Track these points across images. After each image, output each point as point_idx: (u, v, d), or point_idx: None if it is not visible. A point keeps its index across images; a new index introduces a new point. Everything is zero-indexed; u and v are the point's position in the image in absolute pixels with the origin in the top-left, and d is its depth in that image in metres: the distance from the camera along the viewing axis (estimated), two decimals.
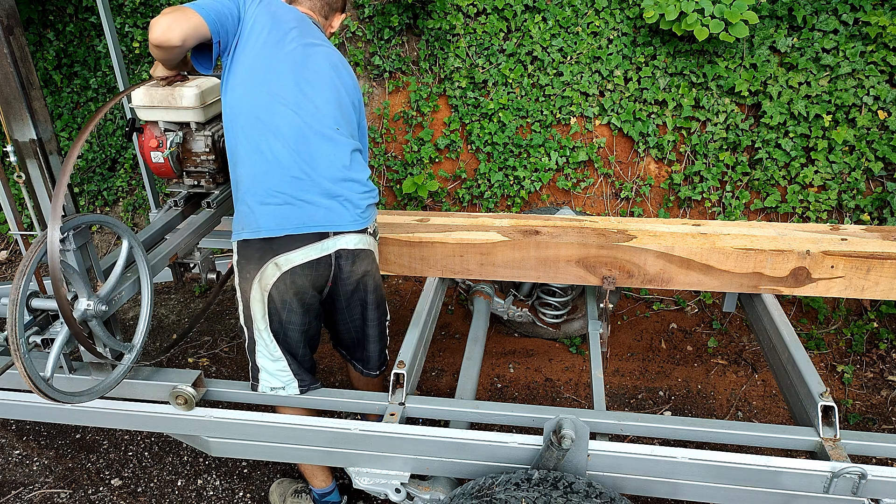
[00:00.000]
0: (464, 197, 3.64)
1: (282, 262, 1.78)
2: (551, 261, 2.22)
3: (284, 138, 1.76)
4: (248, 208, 1.79)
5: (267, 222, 1.77)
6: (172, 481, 2.53)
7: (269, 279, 1.79)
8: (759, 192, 3.34)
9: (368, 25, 3.63)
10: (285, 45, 1.80)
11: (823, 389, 1.74)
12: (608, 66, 3.38)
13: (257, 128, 1.76)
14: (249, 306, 1.84)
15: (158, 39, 1.66)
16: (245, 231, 1.79)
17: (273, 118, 1.76)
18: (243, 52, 1.77)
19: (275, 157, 1.76)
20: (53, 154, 1.61)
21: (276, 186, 1.77)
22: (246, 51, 1.77)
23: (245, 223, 1.80)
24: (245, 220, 1.80)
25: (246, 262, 1.80)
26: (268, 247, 1.77)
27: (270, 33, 1.79)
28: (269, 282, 1.80)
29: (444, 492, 1.81)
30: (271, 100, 1.77)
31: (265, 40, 1.78)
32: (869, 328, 3.14)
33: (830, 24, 3.13)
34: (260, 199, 1.77)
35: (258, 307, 1.83)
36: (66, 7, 3.94)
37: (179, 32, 1.65)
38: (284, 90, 1.78)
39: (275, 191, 1.77)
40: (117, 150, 4.07)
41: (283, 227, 1.77)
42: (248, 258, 1.80)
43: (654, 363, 3.13)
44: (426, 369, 3.11)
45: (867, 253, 2.05)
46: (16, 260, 4.13)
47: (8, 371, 1.79)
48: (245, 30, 1.78)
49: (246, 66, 1.77)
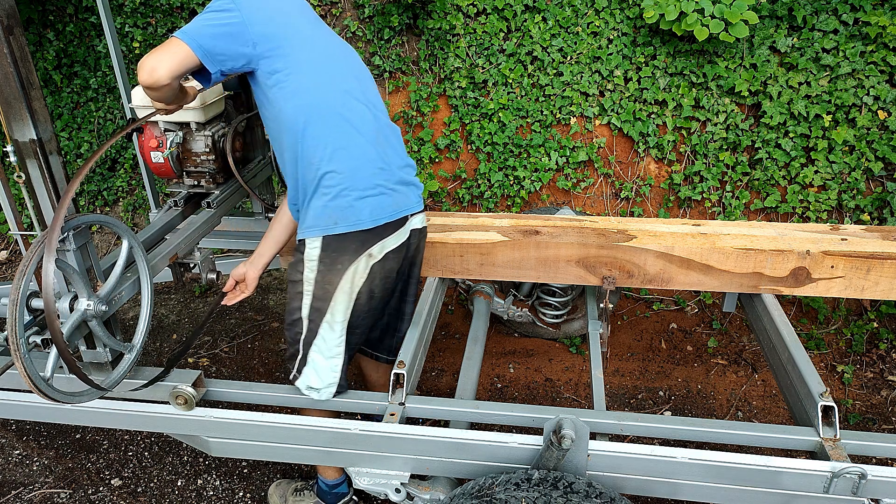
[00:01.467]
0: (464, 197, 3.64)
1: (376, 251, 1.82)
2: (551, 261, 2.22)
3: (366, 132, 1.80)
4: (345, 203, 1.77)
5: (368, 214, 1.78)
6: (172, 481, 2.53)
7: (364, 270, 1.83)
8: (759, 192, 3.34)
9: (368, 25, 3.63)
10: (322, 35, 1.81)
11: (823, 389, 1.74)
12: (608, 66, 3.38)
13: (342, 126, 1.77)
14: (331, 298, 1.82)
15: (146, 82, 1.63)
16: (340, 225, 1.77)
17: (352, 114, 1.78)
18: (286, 58, 1.72)
19: (363, 153, 1.79)
20: (53, 154, 1.61)
21: (372, 179, 1.79)
22: (290, 55, 1.73)
23: (339, 217, 1.77)
24: (339, 214, 1.77)
25: (338, 255, 1.79)
26: (365, 238, 1.79)
27: (303, 27, 1.77)
28: (364, 272, 1.83)
29: (444, 492, 1.81)
30: (345, 96, 1.79)
31: (306, 37, 1.76)
32: (869, 328, 3.14)
33: (830, 24, 3.13)
34: (358, 194, 1.77)
35: (343, 298, 1.83)
36: (66, 7, 3.94)
37: (166, 71, 1.61)
38: (350, 84, 1.81)
39: (373, 184, 1.79)
40: (117, 150, 4.07)
41: (381, 217, 1.81)
42: (340, 251, 1.79)
43: (654, 363, 3.13)
44: (426, 369, 3.11)
45: (867, 253, 2.05)
46: (16, 260, 4.13)
47: (8, 371, 1.79)
48: (269, 35, 1.70)
49: (302, 68, 1.74)
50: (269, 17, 1.71)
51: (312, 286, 1.83)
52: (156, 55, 1.61)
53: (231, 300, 2.09)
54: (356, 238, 1.78)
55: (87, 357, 1.81)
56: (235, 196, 2.44)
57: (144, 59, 1.61)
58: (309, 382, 1.90)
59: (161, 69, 1.60)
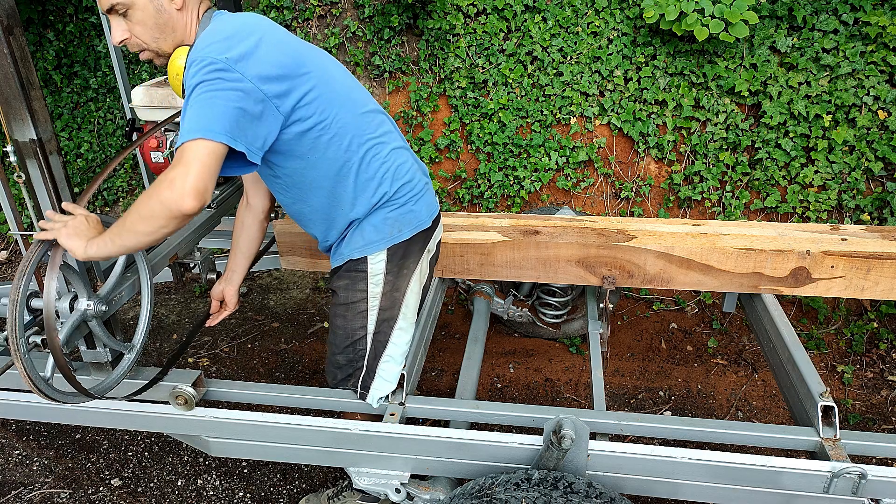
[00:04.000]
0: (464, 197, 3.64)
1: (431, 245, 1.84)
2: (551, 261, 2.22)
3: (396, 139, 1.77)
4: (406, 209, 1.73)
5: (426, 213, 1.79)
6: (172, 481, 2.53)
7: (427, 266, 1.85)
8: (759, 192, 3.34)
9: (368, 25, 3.63)
10: (323, 57, 1.66)
11: (823, 389, 1.74)
12: (608, 66, 3.38)
13: (377, 147, 1.69)
14: (400, 304, 1.79)
15: (186, 209, 1.34)
16: (405, 231, 1.73)
17: (381, 128, 1.72)
18: (312, 104, 1.54)
19: (406, 159, 1.76)
20: (53, 154, 1.61)
21: (418, 181, 1.77)
22: (319, 98, 1.55)
23: (403, 223, 1.73)
24: (403, 221, 1.73)
25: (405, 260, 1.76)
26: (424, 235, 1.79)
27: (305, 62, 1.55)
28: (426, 268, 1.85)
29: (444, 492, 1.81)
30: (369, 114, 1.69)
31: (322, 69, 1.59)
32: (869, 328, 3.14)
33: (830, 24, 3.13)
34: (414, 199, 1.75)
35: (413, 299, 1.82)
36: (66, 7, 3.94)
37: (198, 199, 1.34)
38: (361, 96, 1.71)
39: (421, 185, 1.78)
40: (117, 150, 4.07)
41: (433, 212, 1.83)
42: (407, 255, 1.76)
43: (654, 363, 3.13)
44: (426, 369, 3.11)
45: (867, 253, 2.05)
46: (16, 260, 4.13)
47: (8, 371, 1.79)
48: (286, 80, 1.48)
49: (334, 107, 1.59)
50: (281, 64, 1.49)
51: (379, 300, 1.76)
52: (180, 180, 1.32)
53: (215, 320, 2.06)
54: (419, 238, 1.77)
55: (87, 357, 1.81)
56: (235, 196, 2.44)
57: (161, 189, 1.34)
58: (381, 394, 1.85)
59: (190, 194, 1.32)
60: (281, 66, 1.47)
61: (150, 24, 1.50)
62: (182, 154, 1.34)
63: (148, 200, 1.38)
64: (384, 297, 1.76)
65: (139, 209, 1.41)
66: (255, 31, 1.48)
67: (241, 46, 1.42)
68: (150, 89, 2.13)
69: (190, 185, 1.32)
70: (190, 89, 1.39)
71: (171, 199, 1.33)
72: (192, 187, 1.32)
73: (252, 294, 3.71)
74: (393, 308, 1.79)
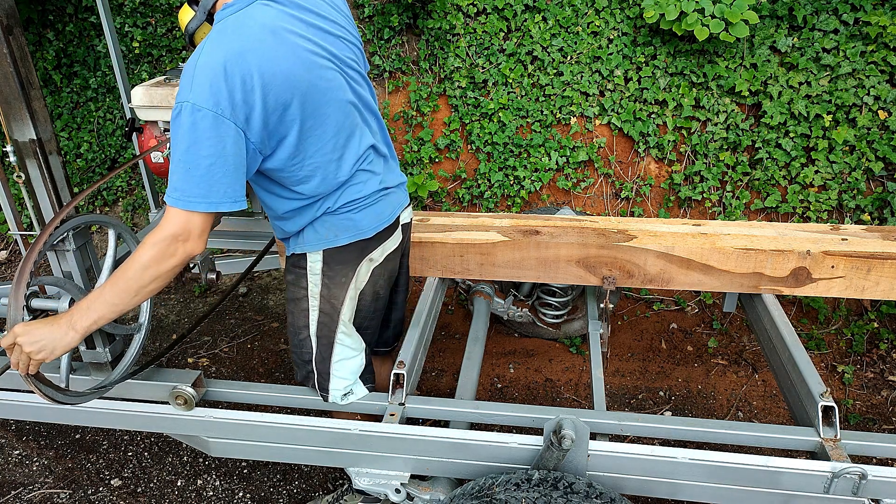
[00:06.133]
0: (464, 197, 3.64)
1: (377, 255, 1.79)
2: (551, 261, 2.22)
3: (368, 140, 1.70)
4: (345, 217, 1.69)
5: (368, 223, 1.73)
6: (172, 481, 2.53)
7: (366, 274, 1.80)
8: (760, 192, 3.34)
9: (368, 25, 3.63)
10: (316, 66, 1.54)
11: (824, 389, 1.74)
12: (608, 66, 3.38)
13: (354, 149, 1.66)
14: (339, 311, 1.78)
15: (175, 263, 1.45)
16: (342, 237, 1.70)
17: (356, 129, 1.67)
18: (304, 142, 1.54)
19: (373, 164, 1.72)
20: (53, 154, 1.61)
21: (376, 187, 1.72)
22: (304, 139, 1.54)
23: (341, 229, 1.70)
24: (341, 226, 1.70)
25: (341, 268, 1.74)
26: (365, 245, 1.74)
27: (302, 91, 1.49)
28: (364, 279, 1.80)
29: (444, 492, 1.81)
30: (352, 114, 1.64)
31: (311, 101, 1.52)
32: (869, 328, 3.13)
33: (831, 23, 3.13)
34: (361, 206, 1.70)
35: (349, 305, 1.80)
36: (65, 7, 3.93)
37: (198, 245, 1.46)
38: (349, 94, 1.63)
39: (375, 191, 1.72)
40: (117, 150, 4.07)
41: (381, 224, 1.76)
42: (343, 262, 1.73)
43: (654, 363, 3.13)
44: (426, 369, 3.10)
45: (868, 253, 2.05)
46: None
47: (8, 371, 1.79)
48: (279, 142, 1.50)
49: (316, 138, 1.56)
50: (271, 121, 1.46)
51: (318, 301, 1.77)
52: (163, 246, 1.42)
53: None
54: (356, 247, 1.74)
55: (87, 357, 1.81)
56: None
57: (151, 255, 1.42)
58: (342, 391, 1.86)
59: (178, 253, 1.44)
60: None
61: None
62: None
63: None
64: (322, 300, 1.77)
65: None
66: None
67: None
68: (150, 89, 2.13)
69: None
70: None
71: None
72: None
73: (252, 294, 3.71)
74: (332, 314, 1.79)
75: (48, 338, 1.44)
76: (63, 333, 1.44)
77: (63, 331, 1.44)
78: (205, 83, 1.35)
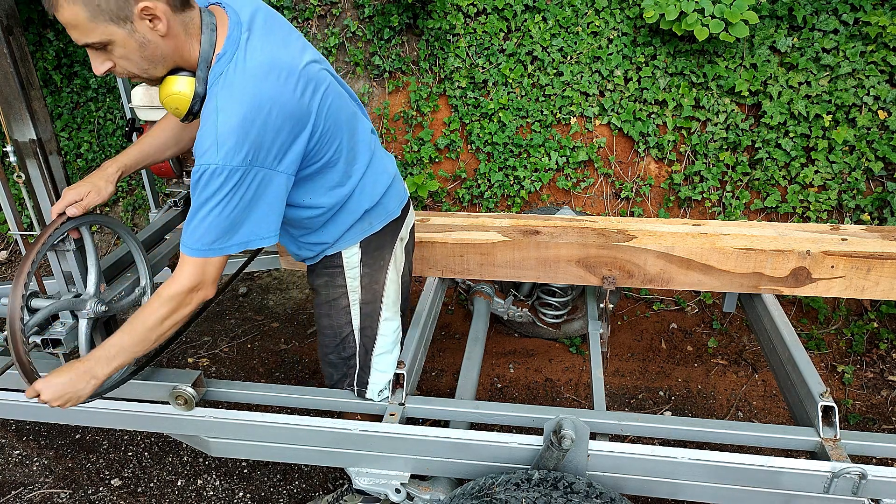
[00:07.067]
0: (464, 197, 3.64)
1: (404, 233, 1.83)
2: (551, 261, 2.22)
3: (375, 138, 1.76)
4: (374, 204, 1.71)
5: (395, 203, 1.77)
6: (172, 481, 2.53)
7: (401, 254, 1.84)
8: (760, 192, 3.34)
9: (368, 25, 3.63)
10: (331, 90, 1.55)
11: (823, 389, 1.74)
12: (608, 66, 3.38)
13: (367, 153, 1.69)
14: (381, 295, 1.79)
15: (189, 307, 1.54)
16: (375, 223, 1.73)
17: (365, 131, 1.71)
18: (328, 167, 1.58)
19: (383, 156, 1.78)
20: (53, 154, 1.61)
21: (387, 176, 1.75)
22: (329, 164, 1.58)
23: (373, 216, 1.72)
24: (372, 215, 1.72)
25: (379, 251, 1.76)
26: (395, 225, 1.79)
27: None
28: (401, 256, 1.84)
29: (445, 492, 1.81)
30: (358, 125, 1.67)
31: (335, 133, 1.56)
32: (869, 328, 3.14)
33: (830, 23, 3.13)
34: (383, 192, 1.73)
35: (393, 288, 1.81)
36: None
37: (211, 291, 1.54)
38: (351, 105, 1.67)
39: (388, 178, 1.76)
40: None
41: (402, 201, 1.81)
42: (381, 246, 1.76)
43: (654, 363, 3.13)
44: (426, 369, 3.10)
45: (867, 253, 2.05)
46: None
47: (8, 371, 1.79)
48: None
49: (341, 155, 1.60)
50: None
51: (360, 294, 1.77)
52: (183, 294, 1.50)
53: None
54: (389, 229, 1.77)
55: None
56: None
57: (169, 309, 1.50)
58: (379, 386, 1.86)
59: (194, 295, 1.51)
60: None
61: (136, 57, 1.34)
62: None
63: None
64: (364, 291, 1.77)
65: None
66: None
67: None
68: (150, 89, 2.13)
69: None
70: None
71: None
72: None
73: (252, 294, 3.71)
74: (375, 301, 1.79)
75: (70, 390, 1.49)
76: (85, 383, 1.49)
77: (84, 381, 1.49)
78: (230, 141, 1.33)
